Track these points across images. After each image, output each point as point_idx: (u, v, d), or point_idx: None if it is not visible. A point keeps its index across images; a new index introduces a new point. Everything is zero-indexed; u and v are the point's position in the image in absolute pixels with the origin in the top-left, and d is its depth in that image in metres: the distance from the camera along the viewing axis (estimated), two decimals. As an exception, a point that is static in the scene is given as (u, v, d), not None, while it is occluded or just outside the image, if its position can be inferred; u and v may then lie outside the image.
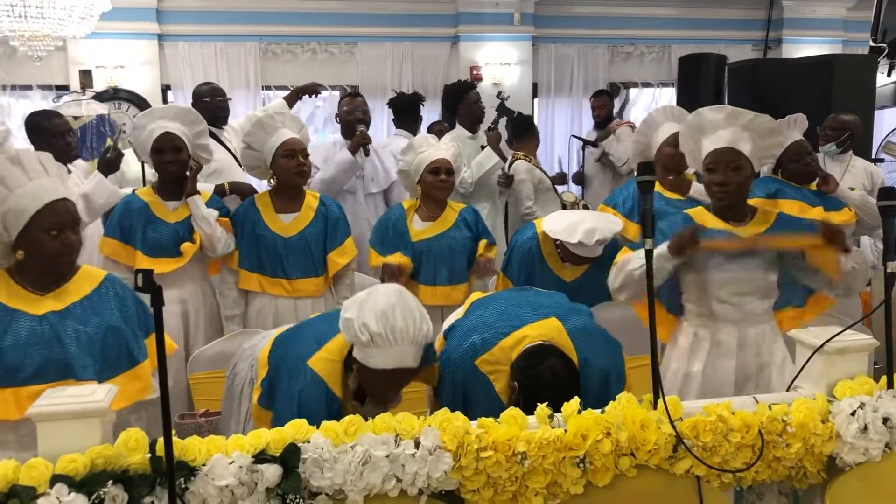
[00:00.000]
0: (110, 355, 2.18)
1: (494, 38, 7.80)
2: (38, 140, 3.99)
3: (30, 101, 7.01)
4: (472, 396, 2.33)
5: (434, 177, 3.54)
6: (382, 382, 2.15)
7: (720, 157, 2.62)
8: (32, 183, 2.16)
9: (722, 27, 8.42)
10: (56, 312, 2.15)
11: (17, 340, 2.08)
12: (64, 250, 2.16)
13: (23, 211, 2.13)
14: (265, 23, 7.36)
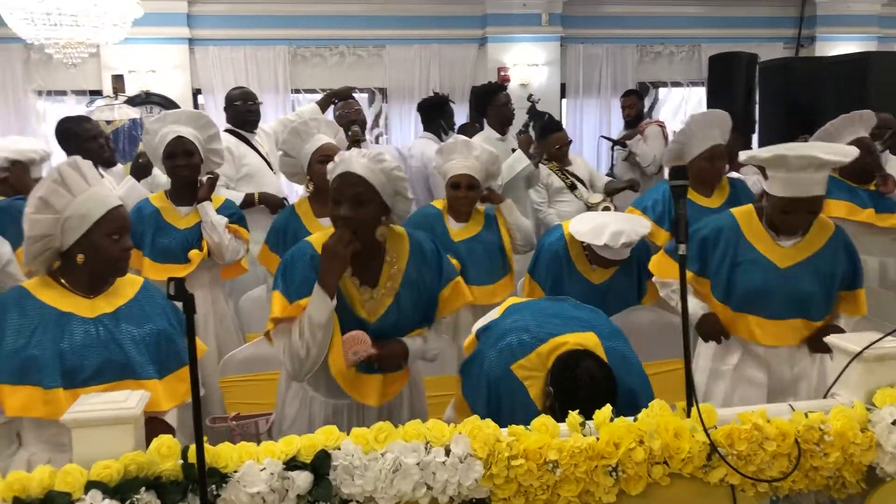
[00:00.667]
0: (163, 356, 2.21)
1: (522, 39, 7.77)
2: (69, 145, 4.04)
3: (64, 105, 7.14)
4: (505, 400, 2.32)
5: (454, 191, 3.54)
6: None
7: (806, 205, 2.58)
8: (93, 189, 2.20)
9: (753, 25, 8.32)
10: (108, 314, 2.19)
11: (74, 343, 2.12)
12: (123, 255, 2.21)
13: (86, 216, 2.16)
14: (294, 27, 7.41)
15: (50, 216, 2.15)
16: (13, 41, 6.19)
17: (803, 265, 2.67)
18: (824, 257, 2.68)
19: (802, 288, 2.66)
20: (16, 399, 2.08)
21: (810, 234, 2.69)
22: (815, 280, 2.66)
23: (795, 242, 2.69)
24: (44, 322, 2.13)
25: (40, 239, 2.17)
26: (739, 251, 2.70)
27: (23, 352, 2.09)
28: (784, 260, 2.67)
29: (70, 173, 2.17)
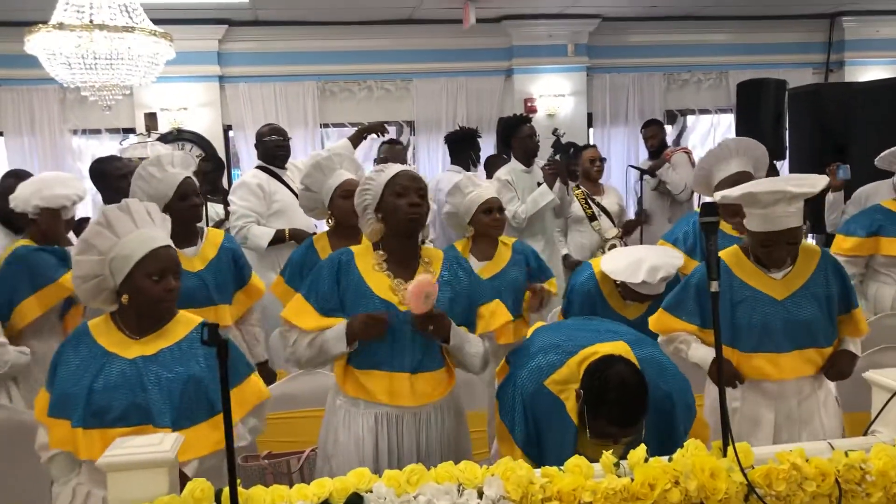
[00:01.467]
0: (189, 404, 2.20)
1: (548, 69, 7.81)
2: (102, 185, 4.13)
3: (99, 143, 7.29)
4: (542, 418, 2.34)
5: (488, 216, 3.56)
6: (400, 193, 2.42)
7: (779, 237, 2.57)
8: (140, 230, 2.25)
9: (780, 51, 8.27)
10: (145, 357, 2.21)
11: (108, 383, 2.15)
12: (165, 296, 2.24)
13: (128, 257, 2.21)
14: (322, 62, 7.51)
15: (95, 258, 2.22)
16: (49, 82, 6.33)
17: (800, 294, 2.65)
18: (817, 282, 2.66)
19: (804, 316, 2.63)
20: (56, 431, 2.18)
21: (799, 262, 2.68)
22: (815, 306, 2.64)
23: (787, 273, 2.67)
24: (88, 360, 2.20)
25: (89, 279, 2.24)
26: (735, 291, 2.66)
27: (65, 387, 2.17)
28: (781, 292, 2.65)
29: (117, 216, 2.24)
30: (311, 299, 2.44)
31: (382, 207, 2.45)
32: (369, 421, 2.42)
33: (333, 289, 2.43)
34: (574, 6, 7.30)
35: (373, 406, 2.43)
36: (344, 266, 2.45)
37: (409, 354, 2.42)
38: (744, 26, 8.16)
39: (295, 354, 2.47)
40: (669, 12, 7.80)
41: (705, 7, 7.65)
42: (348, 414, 2.46)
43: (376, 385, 2.40)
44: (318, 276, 2.46)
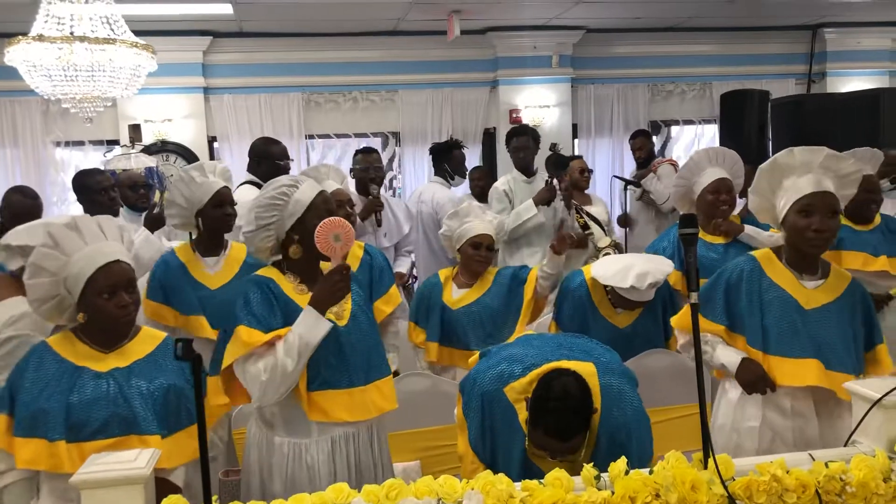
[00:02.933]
0: (171, 413, 2.20)
1: (533, 81, 7.83)
2: (84, 197, 4.10)
3: (83, 154, 7.25)
4: (497, 422, 2.36)
5: (475, 251, 3.52)
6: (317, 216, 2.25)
7: (821, 201, 2.48)
8: (89, 247, 2.22)
9: (763, 62, 8.35)
10: (121, 369, 2.20)
11: (83, 396, 2.13)
12: (119, 312, 2.19)
13: (79, 275, 2.18)
14: (307, 74, 7.50)
15: (46, 279, 2.20)
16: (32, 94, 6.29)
17: (826, 310, 2.54)
18: (845, 304, 2.56)
19: (827, 333, 2.52)
20: (25, 451, 2.11)
21: (832, 277, 2.59)
22: (836, 328, 2.53)
23: (818, 285, 2.58)
24: (58, 376, 2.16)
25: (46, 301, 2.22)
26: (764, 292, 2.57)
27: (34, 405, 2.12)
28: (809, 301, 2.56)
29: (64, 234, 2.20)
30: (254, 324, 2.22)
31: (300, 229, 2.30)
32: (324, 448, 2.32)
33: (270, 309, 2.25)
34: (558, 18, 7.34)
35: (328, 432, 2.32)
36: (273, 290, 2.30)
37: (356, 367, 2.34)
38: (727, 38, 8.22)
39: (280, 366, 2.17)
40: (653, 24, 7.85)
41: (689, 19, 7.71)
42: (296, 447, 2.32)
43: (334, 403, 2.29)
44: (248, 302, 2.25)
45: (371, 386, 2.37)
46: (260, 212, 2.32)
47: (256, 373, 2.19)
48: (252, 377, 2.20)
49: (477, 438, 2.38)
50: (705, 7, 7.22)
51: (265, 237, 2.34)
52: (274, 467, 2.32)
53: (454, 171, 5.55)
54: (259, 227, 2.33)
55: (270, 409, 2.33)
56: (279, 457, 2.32)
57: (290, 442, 2.32)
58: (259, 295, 2.27)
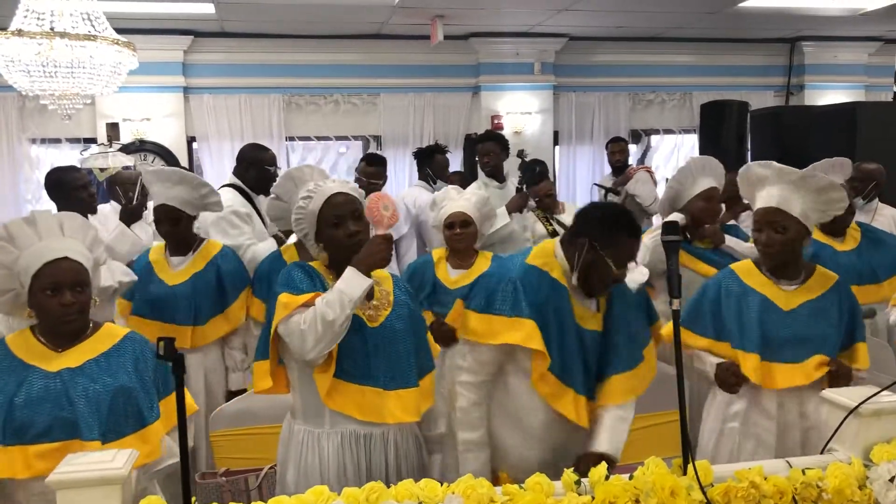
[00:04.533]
0: (118, 416, 2.11)
1: (515, 87, 7.87)
2: (58, 195, 4.01)
3: (59, 152, 7.17)
4: (538, 293, 2.39)
5: (450, 231, 3.57)
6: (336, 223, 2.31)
7: (764, 217, 2.58)
8: (40, 243, 2.17)
9: (743, 74, 8.46)
10: (70, 370, 2.12)
11: (30, 397, 2.06)
12: (61, 311, 2.13)
13: (27, 270, 2.14)
14: (289, 75, 7.49)
15: (1, 272, 2.16)
16: (8, 90, 6.22)
17: (805, 307, 2.61)
18: (825, 305, 2.62)
19: (807, 330, 2.59)
20: None
21: (815, 278, 2.65)
22: (821, 321, 2.60)
23: (797, 287, 2.65)
24: (6, 373, 2.09)
25: (2, 293, 2.19)
26: (744, 297, 2.65)
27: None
28: (788, 302, 2.62)
29: (19, 228, 2.16)
30: (294, 291, 2.25)
31: (321, 237, 2.35)
32: (335, 441, 2.32)
33: (311, 282, 2.29)
34: (541, 25, 7.38)
35: (340, 426, 2.34)
36: (314, 276, 2.34)
37: (378, 370, 2.32)
38: (707, 48, 8.32)
39: (321, 315, 2.14)
40: (635, 33, 7.92)
41: (670, 29, 7.78)
42: (311, 436, 2.34)
43: (348, 397, 2.30)
44: (291, 277, 2.30)
45: (392, 394, 2.33)
46: (295, 226, 2.42)
47: (296, 323, 2.18)
48: (292, 329, 2.19)
49: (532, 311, 2.38)
50: (687, 18, 7.30)
51: (310, 247, 2.41)
52: (290, 454, 2.36)
53: (436, 175, 5.54)
54: (304, 240, 2.42)
55: (293, 397, 2.37)
56: (295, 445, 2.35)
57: (306, 430, 2.34)
58: (301, 272, 2.31)
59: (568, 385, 2.41)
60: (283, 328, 2.20)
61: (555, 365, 2.39)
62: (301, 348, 2.18)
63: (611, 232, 2.33)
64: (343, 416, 2.31)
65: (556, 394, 2.41)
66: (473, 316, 2.47)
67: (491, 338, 2.42)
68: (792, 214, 2.54)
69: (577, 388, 2.41)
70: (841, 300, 2.64)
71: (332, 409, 2.29)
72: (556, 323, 2.39)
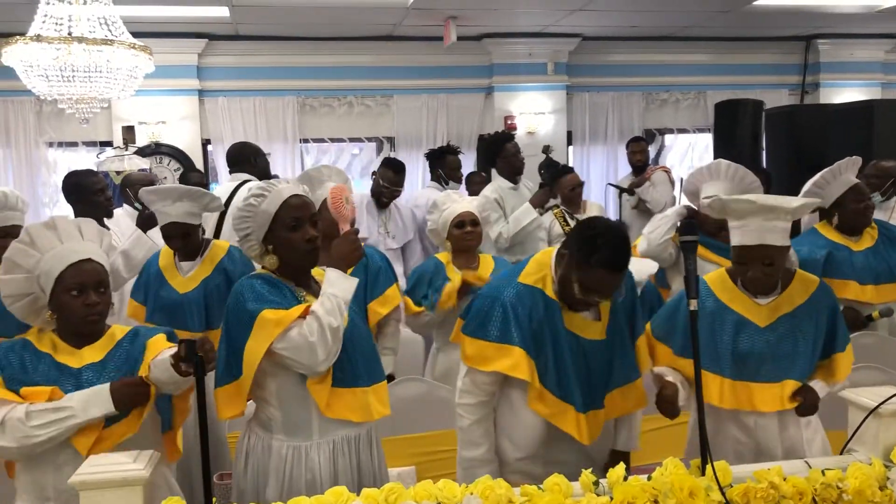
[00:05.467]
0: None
1: (529, 88, 7.86)
2: (77, 199, 4.05)
3: (76, 155, 7.22)
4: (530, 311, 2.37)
5: (460, 230, 3.59)
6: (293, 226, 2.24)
7: (749, 254, 2.42)
8: (63, 245, 2.22)
9: (757, 72, 8.40)
10: (96, 363, 2.20)
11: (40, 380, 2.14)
12: (85, 311, 2.18)
13: (49, 272, 2.19)
14: (303, 77, 7.51)
15: (21, 276, 2.21)
16: (26, 94, 6.28)
17: (783, 322, 2.46)
18: (805, 314, 2.47)
19: (784, 347, 2.44)
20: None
21: (791, 290, 2.50)
22: (797, 338, 2.45)
23: (773, 299, 2.49)
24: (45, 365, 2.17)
25: (20, 298, 2.23)
26: (717, 316, 2.50)
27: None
28: (764, 319, 2.47)
29: (40, 232, 2.22)
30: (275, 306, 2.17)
31: (272, 239, 2.25)
32: (326, 451, 2.27)
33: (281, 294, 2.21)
34: (554, 25, 7.37)
35: (330, 434, 2.28)
36: (280, 285, 2.26)
37: (359, 368, 2.30)
38: (722, 47, 8.28)
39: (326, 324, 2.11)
40: (649, 32, 7.90)
41: (684, 28, 7.76)
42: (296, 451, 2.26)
43: (342, 403, 2.25)
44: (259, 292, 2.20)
45: (371, 389, 2.32)
46: (237, 223, 2.30)
47: (301, 337, 2.10)
48: (297, 343, 2.11)
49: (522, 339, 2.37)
50: (701, 17, 7.27)
51: (248, 247, 2.31)
52: (271, 472, 2.25)
53: (448, 176, 5.56)
54: (240, 238, 2.31)
55: (268, 412, 2.27)
56: (277, 460, 2.25)
57: (290, 445, 2.25)
58: (264, 283, 2.22)
59: (568, 402, 2.39)
60: (284, 344, 2.12)
61: (552, 383, 2.39)
62: (312, 361, 2.12)
63: (588, 258, 2.24)
64: (334, 424, 2.25)
65: (556, 413, 2.40)
66: (467, 340, 2.48)
67: (483, 364, 2.43)
68: (776, 245, 2.39)
69: (577, 405, 2.39)
70: (819, 309, 2.49)
71: (328, 418, 2.26)
72: (551, 342, 2.38)
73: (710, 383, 2.46)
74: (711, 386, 2.45)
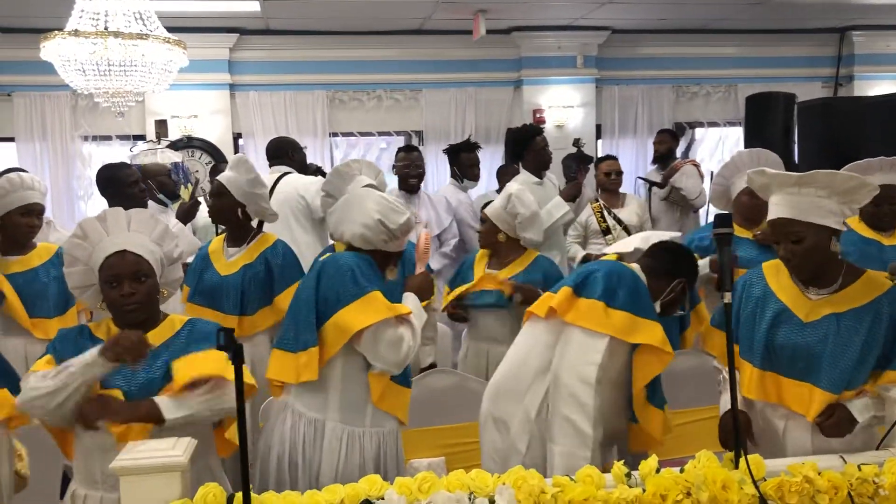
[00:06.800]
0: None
1: (557, 81, 7.82)
2: (111, 191, 4.12)
3: (110, 149, 7.32)
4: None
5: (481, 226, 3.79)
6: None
7: (776, 229, 2.29)
8: (106, 238, 2.29)
9: (790, 65, 8.28)
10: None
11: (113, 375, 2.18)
12: (122, 301, 2.23)
13: (95, 265, 2.28)
14: (332, 72, 7.54)
15: (80, 269, 2.30)
16: (61, 88, 6.38)
17: (826, 322, 2.28)
18: (857, 320, 2.25)
19: (820, 349, 2.27)
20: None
21: (851, 289, 2.30)
22: (839, 344, 2.25)
23: (826, 296, 2.32)
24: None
25: (85, 289, 2.33)
26: (761, 302, 2.40)
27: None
28: (809, 314, 2.31)
29: (91, 225, 2.29)
30: (384, 293, 2.46)
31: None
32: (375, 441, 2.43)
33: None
34: (584, 18, 7.33)
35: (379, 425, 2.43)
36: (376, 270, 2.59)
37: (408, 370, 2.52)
38: (753, 40, 8.17)
39: (415, 346, 2.45)
40: (679, 25, 7.82)
41: (715, 20, 7.67)
42: (350, 435, 2.42)
43: (397, 401, 2.46)
44: (369, 275, 2.50)
45: (408, 391, 2.54)
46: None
47: (398, 337, 2.36)
48: (394, 341, 2.36)
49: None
50: (732, 9, 7.19)
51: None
52: (324, 453, 2.39)
53: (462, 174, 5.53)
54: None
55: (324, 393, 2.41)
56: (331, 441, 2.38)
57: (345, 428, 2.40)
58: (371, 268, 2.48)
59: (656, 406, 2.66)
60: (381, 332, 2.35)
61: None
62: (397, 360, 2.37)
63: (696, 270, 2.78)
64: (386, 416, 2.38)
65: (643, 409, 2.66)
66: (607, 309, 2.54)
67: (630, 334, 2.53)
68: (805, 221, 2.22)
69: (658, 403, 2.67)
70: (881, 316, 2.25)
71: (379, 410, 2.37)
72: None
73: (743, 371, 2.41)
74: (744, 374, 2.41)
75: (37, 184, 3.53)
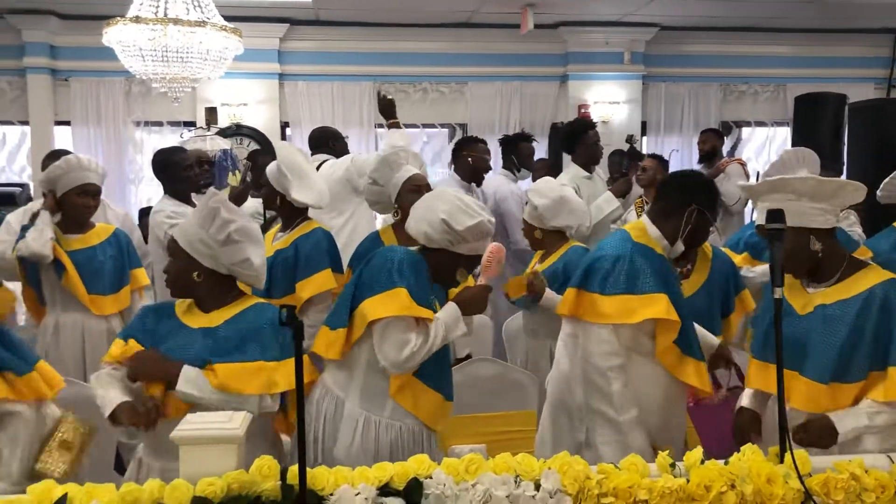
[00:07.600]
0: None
1: (604, 77, 7.81)
2: (167, 175, 4.21)
3: (160, 135, 7.49)
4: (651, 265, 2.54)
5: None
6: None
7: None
8: None
9: (841, 65, 8.15)
10: (207, 328, 2.35)
11: (170, 347, 2.31)
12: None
13: None
14: (379, 63, 7.62)
15: None
16: (116, 74, 6.55)
17: (816, 313, 2.28)
18: (844, 308, 2.24)
19: (809, 338, 2.27)
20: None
21: (846, 282, 2.29)
22: (824, 335, 2.24)
23: (822, 289, 2.33)
24: (171, 324, 2.37)
25: None
26: (768, 296, 2.37)
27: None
28: (805, 306, 2.32)
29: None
30: (414, 295, 2.35)
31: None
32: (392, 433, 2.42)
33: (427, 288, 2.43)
34: (632, 14, 7.30)
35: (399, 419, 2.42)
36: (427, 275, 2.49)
37: (447, 381, 2.53)
38: (804, 39, 8.06)
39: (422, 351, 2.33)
40: (728, 23, 7.74)
41: (765, 18, 7.58)
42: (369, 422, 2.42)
43: (416, 398, 2.42)
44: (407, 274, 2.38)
45: (448, 404, 2.53)
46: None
47: (405, 340, 2.33)
48: (399, 342, 2.33)
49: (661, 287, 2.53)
50: (784, 7, 7.10)
51: None
52: (340, 432, 2.42)
53: (521, 164, 5.53)
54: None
55: (349, 373, 2.44)
56: (349, 422, 2.41)
57: (365, 413, 2.41)
58: (419, 271, 2.42)
59: (688, 355, 2.56)
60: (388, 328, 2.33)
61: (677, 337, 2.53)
62: (396, 359, 2.33)
63: (713, 193, 2.68)
64: (406, 413, 2.42)
65: (679, 364, 2.55)
66: (603, 299, 2.54)
67: (629, 316, 2.51)
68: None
69: (696, 354, 2.57)
70: (870, 309, 2.21)
71: (399, 404, 2.41)
72: (672, 296, 2.52)
73: (750, 363, 2.49)
74: (749, 366, 2.49)
75: (94, 165, 3.62)
